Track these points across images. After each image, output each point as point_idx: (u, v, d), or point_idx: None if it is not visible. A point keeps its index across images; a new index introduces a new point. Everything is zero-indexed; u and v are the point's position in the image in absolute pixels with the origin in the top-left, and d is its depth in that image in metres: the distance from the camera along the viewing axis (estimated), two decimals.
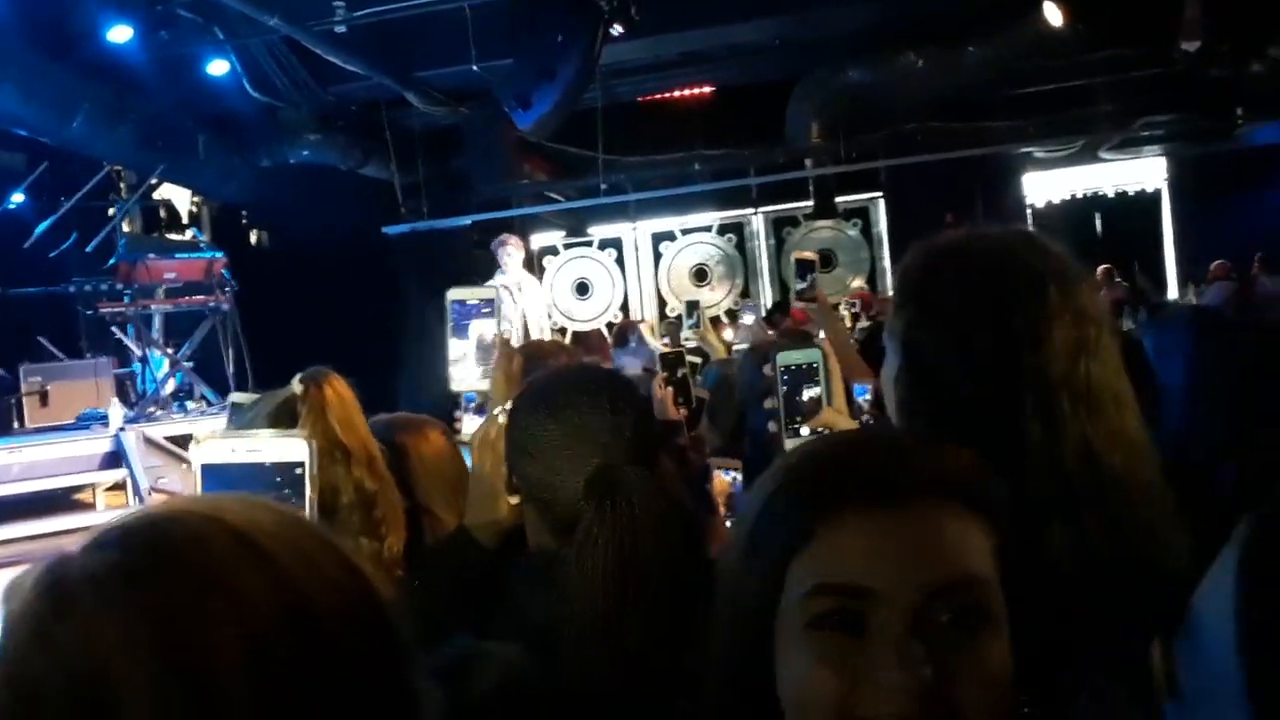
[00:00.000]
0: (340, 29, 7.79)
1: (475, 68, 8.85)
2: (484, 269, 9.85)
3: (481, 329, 1.92)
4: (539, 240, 11.93)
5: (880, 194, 11.19)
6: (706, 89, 10.79)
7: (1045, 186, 11.75)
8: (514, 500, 1.43)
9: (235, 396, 2.36)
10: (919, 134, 9.49)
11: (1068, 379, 1.10)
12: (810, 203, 11.19)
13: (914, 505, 0.75)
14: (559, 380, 1.43)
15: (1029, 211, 11.07)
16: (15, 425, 7.44)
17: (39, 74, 7.15)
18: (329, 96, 8.98)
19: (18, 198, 8.21)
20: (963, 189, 9.31)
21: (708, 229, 12.09)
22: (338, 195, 9.75)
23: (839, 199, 11.14)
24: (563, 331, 11.09)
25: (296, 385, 1.71)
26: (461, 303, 1.95)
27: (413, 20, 8.10)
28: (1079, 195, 11.95)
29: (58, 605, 0.59)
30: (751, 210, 11.91)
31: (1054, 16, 8.12)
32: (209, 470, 0.97)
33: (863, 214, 11.61)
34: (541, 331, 7.75)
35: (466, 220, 9.73)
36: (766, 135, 10.30)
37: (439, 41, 8.64)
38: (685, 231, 12.09)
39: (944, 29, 8.76)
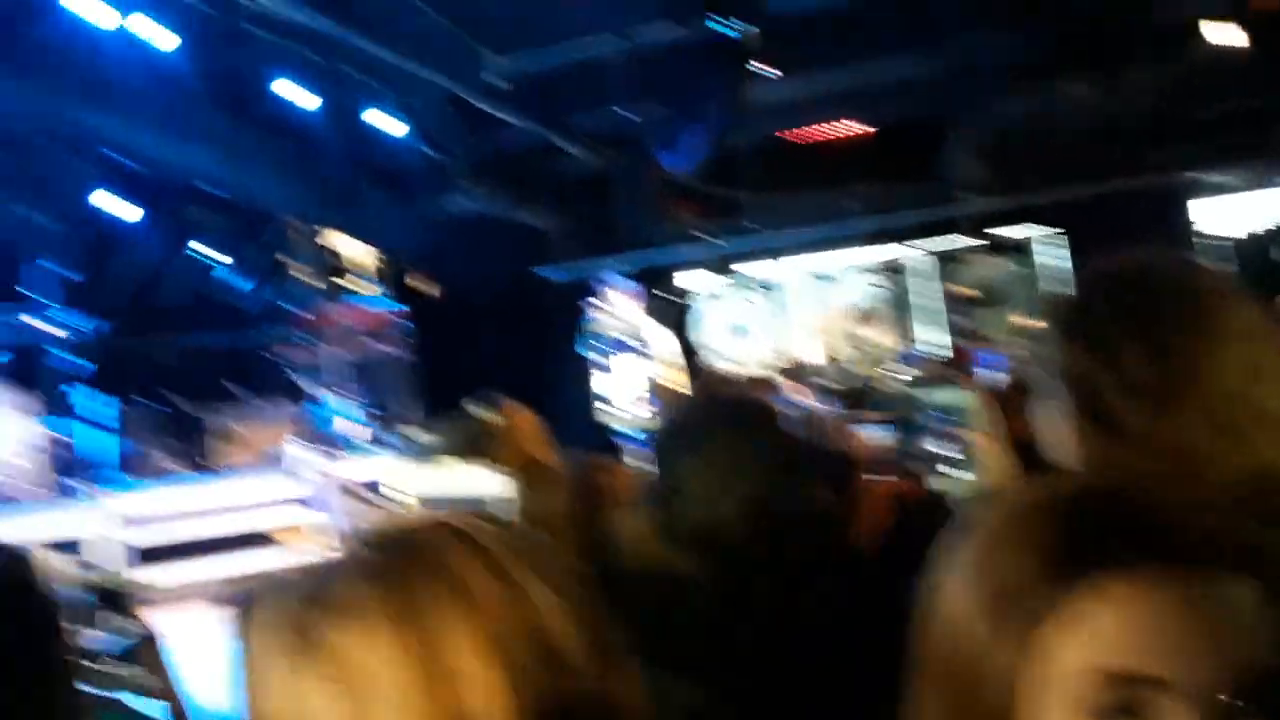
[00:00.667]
0: (496, 82, 8.11)
1: (624, 113, 9.05)
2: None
3: (629, 365, 1.93)
4: (688, 281, 12.03)
5: (1045, 227, 10.82)
6: (858, 126, 10.70)
7: (1220, 217, 11.11)
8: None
9: (412, 433, 2.47)
10: (1084, 164, 9.15)
11: (1242, 400, 1.06)
12: (972, 239, 10.92)
13: (1208, 577, 0.64)
14: (701, 411, 1.44)
15: (1203, 243, 10.48)
16: (208, 465, 7.94)
17: (227, 135, 7.69)
18: (487, 147, 9.32)
19: (209, 251, 8.82)
20: (1132, 220, 8.91)
21: (866, 268, 11.93)
22: (498, 242, 10.08)
23: (1000, 232, 10.82)
24: None
25: (484, 413, 1.77)
26: (608, 338, 1.97)
27: (562, 70, 8.37)
28: (1259, 229, 11.23)
29: (316, 605, 0.63)
30: (910, 248, 11.70)
31: (1230, 37, 7.73)
32: (423, 503, 1.01)
33: (1025, 248, 11.24)
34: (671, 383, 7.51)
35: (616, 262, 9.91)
36: (923, 170, 10.11)
37: (588, 89, 8.86)
38: (843, 271, 11.96)
39: (1110, 52, 8.45)
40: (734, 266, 11.95)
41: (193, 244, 8.66)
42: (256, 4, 6.39)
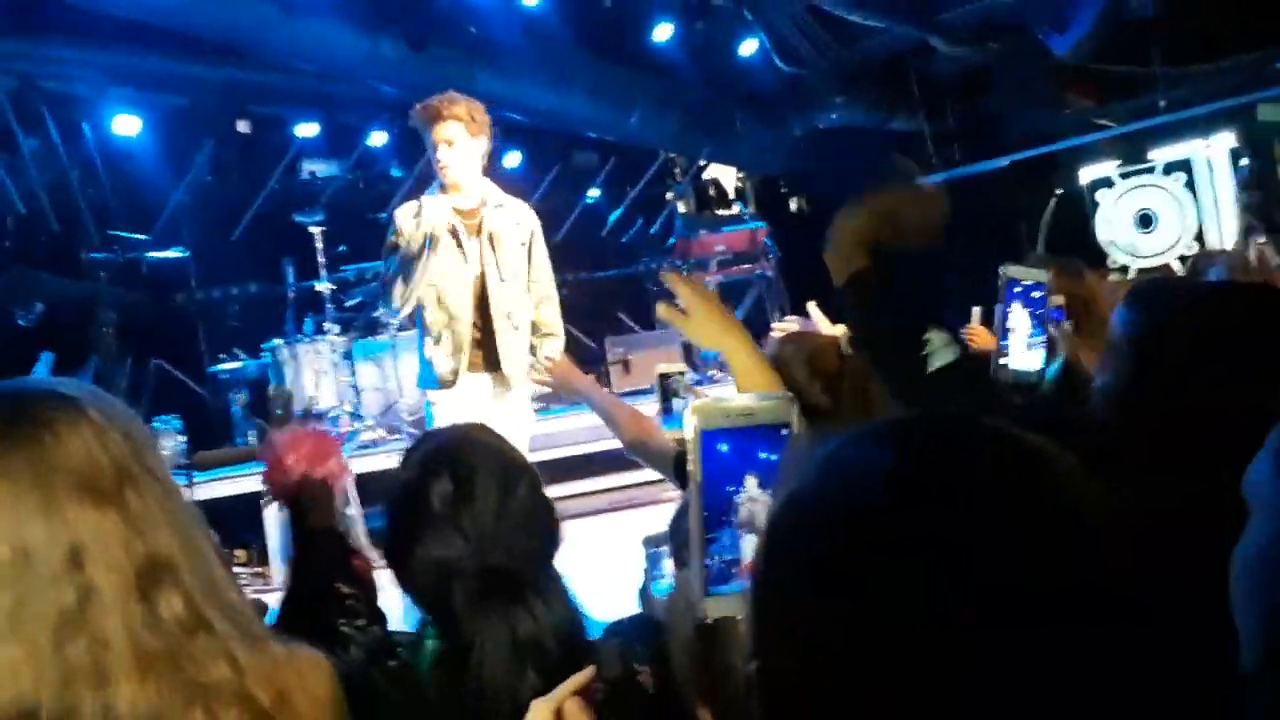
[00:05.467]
0: None
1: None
2: (1022, 212, 9.34)
3: (1021, 320, 1.75)
4: (1089, 173, 10.95)
5: None
6: None
7: None
8: None
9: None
10: None
11: None
12: None
13: None
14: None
15: None
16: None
17: (602, 79, 8.14)
18: (853, 57, 9.05)
19: (594, 193, 9.43)
20: None
21: None
22: (868, 153, 9.81)
23: None
24: (1124, 270, 10.09)
25: (846, 345, 1.74)
26: (1016, 283, 1.82)
27: None
28: None
29: None
30: None
31: None
32: (707, 435, 0.96)
33: None
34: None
35: (1004, 161, 9.26)
36: None
37: None
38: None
39: None
40: (1139, 150, 10.72)
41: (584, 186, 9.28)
42: None
